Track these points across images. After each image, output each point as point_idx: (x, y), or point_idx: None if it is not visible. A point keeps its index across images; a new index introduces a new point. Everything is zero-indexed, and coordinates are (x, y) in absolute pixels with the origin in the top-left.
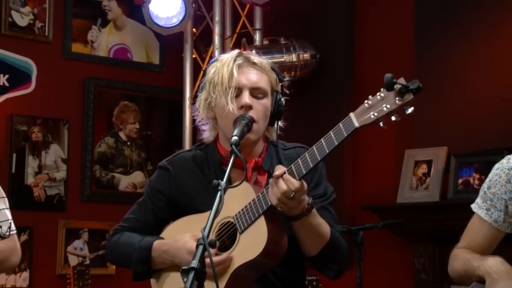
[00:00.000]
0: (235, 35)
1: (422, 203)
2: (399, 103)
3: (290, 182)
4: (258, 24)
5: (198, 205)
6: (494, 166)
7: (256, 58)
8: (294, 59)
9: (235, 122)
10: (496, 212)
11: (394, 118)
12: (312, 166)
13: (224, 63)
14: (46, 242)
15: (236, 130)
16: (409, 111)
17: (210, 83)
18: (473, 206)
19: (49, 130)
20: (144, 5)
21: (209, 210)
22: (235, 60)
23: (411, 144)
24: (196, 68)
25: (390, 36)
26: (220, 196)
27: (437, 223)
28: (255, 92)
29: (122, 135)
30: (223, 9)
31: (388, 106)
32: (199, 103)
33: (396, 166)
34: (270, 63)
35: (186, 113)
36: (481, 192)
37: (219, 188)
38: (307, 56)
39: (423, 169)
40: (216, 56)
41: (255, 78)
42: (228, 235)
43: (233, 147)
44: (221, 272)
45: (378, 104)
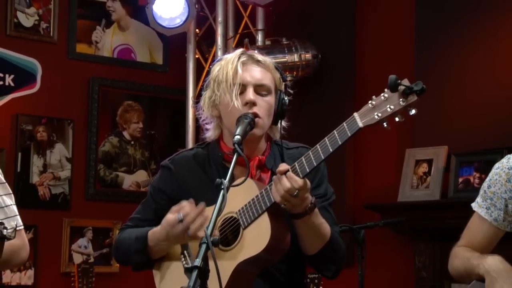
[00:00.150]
0: (238, 36)
1: (423, 202)
2: (403, 104)
3: (294, 180)
4: (260, 25)
5: (199, 203)
6: (494, 166)
7: (260, 56)
8: (296, 59)
9: (237, 121)
10: (496, 211)
11: (397, 119)
12: (316, 165)
13: (229, 61)
14: (51, 240)
15: (239, 129)
16: (412, 112)
17: (214, 81)
18: (473, 205)
19: (54, 129)
20: (147, 6)
21: (211, 206)
22: (239, 58)
23: (412, 143)
24: (199, 68)
25: (391, 36)
26: (223, 195)
27: (437, 221)
28: (259, 89)
29: (126, 134)
30: (226, 9)
31: (392, 107)
32: (204, 102)
33: (397, 165)
34: (274, 62)
35: (189, 112)
36: (481, 191)
37: (222, 187)
38: (308, 56)
39: (423, 168)
40: (220, 56)
41: (259, 75)
42: (231, 230)
43: (235, 146)
44: (223, 268)
45: (382, 105)
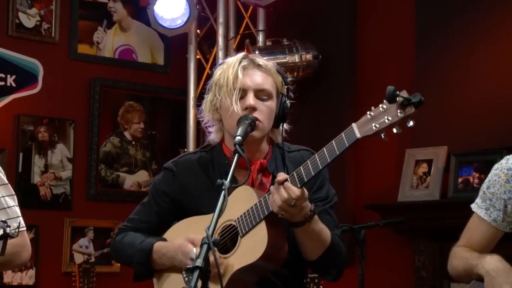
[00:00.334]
0: (239, 36)
1: (423, 202)
2: (400, 115)
3: (291, 190)
4: (261, 25)
5: (202, 207)
6: (493, 167)
7: (261, 61)
8: (297, 60)
9: (238, 122)
10: (495, 212)
11: (395, 131)
12: (314, 174)
13: (230, 65)
14: (52, 240)
15: (240, 130)
16: (410, 124)
17: (215, 85)
18: (472, 206)
19: (55, 130)
20: (149, 6)
21: (212, 213)
22: (240, 62)
23: (411, 144)
24: (200, 69)
25: (391, 36)
26: (224, 195)
27: (437, 221)
28: (260, 94)
29: (127, 134)
30: (227, 10)
31: (390, 118)
32: (205, 105)
33: (397, 165)
34: (276, 65)
35: (190, 113)
36: (480, 192)
37: (223, 187)
38: (309, 57)
39: (423, 168)
40: (222, 57)
41: (260, 80)
42: (230, 238)
43: (236, 147)
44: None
45: (380, 116)
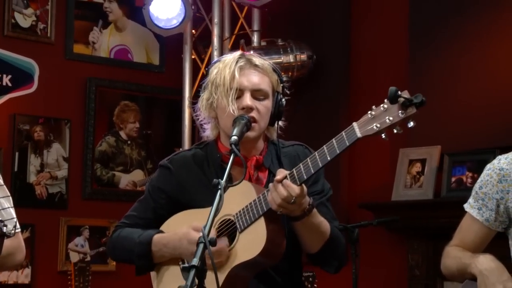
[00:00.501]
0: (234, 37)
1: (416, 201)
2: (402, 116)
3: (291, 188)
4: (256, 26)
5: (198, 203)
6: (485, 167)
7: (258, 60)
8: (291, 60)
9: (234, 122)
10: (487, 212)
11: (396, 131)
12: (313, 172)
13: (226, 64)
14: (48, 239)
15: (236, 130)
16: (411, 124)
17: (212, 84)
18: (465, 206)
19: (51, 129)
20: (144, 7)
21: (209, 207)
22: (237, 62)
23: (405, 143)
24: (195, 69)
25: (385, 37)
26: (220, 195)
27: (430, 220)
28: (256, 94)
29: (122, 134)
30: (222, 11)
31: (391, 119)
32: (201, 103)
33: (391, 164)
34: (272, 64)
35: (185, 112)
36: (473, 192)
37: (219, 187)
38: (304, 57)
39: (417, 167)
40: (217, 57)
41: (256, 80)
42: (228, 232)
43: (232, 146)
44: (219, 270)
45: (381, 116)
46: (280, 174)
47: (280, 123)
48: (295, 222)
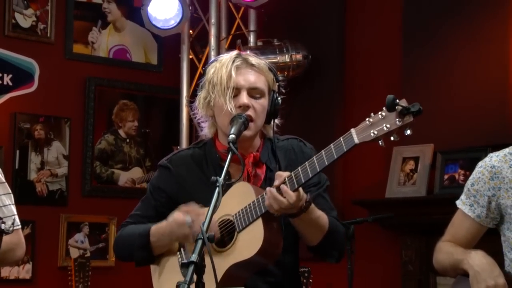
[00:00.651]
0: (230, 37)
1: (410, 198)
2: (399, 124)
3: (288, 195)
4: (252, 26)
5: (198, 201)
6: (477, 164)
7: (254, 60)
8: (287, 60)
9: (232, 121)
10: (479, 208)
11: (393, 138)
12: (311, 176)
13: (223, 64)
14: (48, 235)
15: (233, 129)
16: (408, 132)
17: (209, 83)
18: (457, 202)
19: (51, 127)
20: (142, 7)
21: (208, 207)
22: (233, 61)
23: (399, 142)
24: (192, 68)
25: (379, 36)
26: (218, 192)
27: (423, 217)
28: (253, 92)
29: (121, 132)
30: (219, 11)
31: (388, 126)
32: (199, 102)
33: (385, 162)
34: (268, 63)
35: (183, 111)
36: (465, 189)
37: (217, 184)
38: (299, 56)
39: (410, 165)
40: (214, 57)
41: (252, 79)
42: (227, 232)
43: (230, 145)
44: (216, 268)
45: (379, 123)
46: (279, 179)
47: (276, 121)
48: (293, 219)
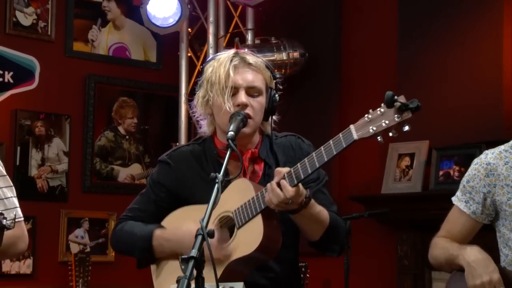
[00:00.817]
0: (228, 35)
1: (405, 194)
2: (397, 120)
3: (287, 190)
4: (250, 24)
5: (197, 197)
6: (473, 161)
7: (251, 58)
8: (284, 58)
9: (230, 118)
10: (474, 205)
11: (391, 134)
12: (310, 172)
13: (221, 63)
14: (49, 231)
15: (232, 126)
16: (406, 128)
17: (207, 82)
18: (453, 199)
19: (51, 124)
20: (142, 6)
21: (207, 203)
22: (231, 60)
23: (394, 138)
24: (191, 66)
25: (375, 34)
26: (218, 188)
27: (419, 212)
28: (251, 91)
29: (121, 129)
30: (217, 10)
31: (387, 122)
32: (197, 100)
33: (381, 159)
34: (265, 61)
35: (182, 108)
36: (460, 186)
37: (217, 180)
38: (296, 54)
39: (406, 161)
40: (212, 54)
41: (250, 78)
42: (227, 228)
43: (229, 141)
44: (216, 264)
45: (378, 119)
46: (278, 175)
47: (274, 118)
48: (293, 215)
